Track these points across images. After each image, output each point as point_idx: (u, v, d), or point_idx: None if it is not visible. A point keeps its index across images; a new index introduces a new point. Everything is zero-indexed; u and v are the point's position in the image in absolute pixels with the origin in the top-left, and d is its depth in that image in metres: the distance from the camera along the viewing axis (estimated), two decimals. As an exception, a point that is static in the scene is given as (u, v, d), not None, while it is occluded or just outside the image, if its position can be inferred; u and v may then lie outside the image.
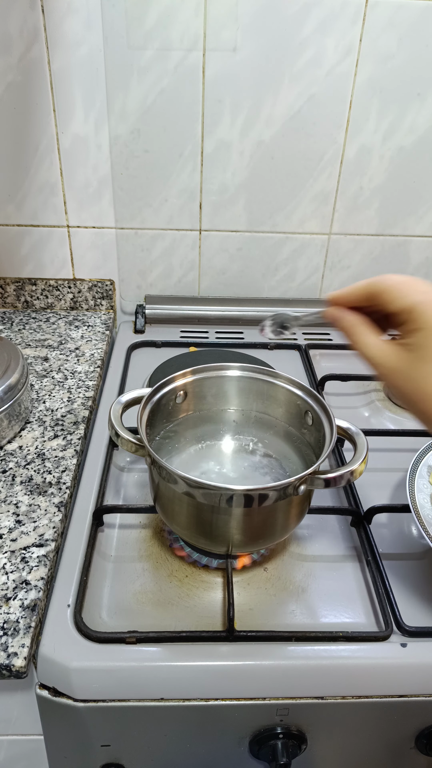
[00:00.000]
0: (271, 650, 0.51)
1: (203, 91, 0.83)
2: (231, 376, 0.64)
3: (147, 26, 0.79)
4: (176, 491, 0.52)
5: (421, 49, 0.81)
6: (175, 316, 1.01)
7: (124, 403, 0.58)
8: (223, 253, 0.97)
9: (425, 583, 0.58)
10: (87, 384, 0.82)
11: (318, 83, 0.83)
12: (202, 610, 0.55)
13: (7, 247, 0.96)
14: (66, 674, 0.50)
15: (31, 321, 0.97)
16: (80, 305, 1.01)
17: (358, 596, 0.57)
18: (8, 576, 0.54)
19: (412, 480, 0.63)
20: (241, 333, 1.00)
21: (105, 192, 0.91)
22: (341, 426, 0.56)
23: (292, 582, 0.58)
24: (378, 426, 0.80)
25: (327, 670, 0.51)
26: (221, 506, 0.51)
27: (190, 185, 0.91)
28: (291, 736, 0.53)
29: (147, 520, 0.64)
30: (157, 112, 0.85)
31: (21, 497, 0.63)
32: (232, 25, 0.79)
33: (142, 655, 0.51)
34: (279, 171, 0.90)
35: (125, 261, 0.98)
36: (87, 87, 0.83)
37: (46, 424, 0.74)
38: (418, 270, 1.00)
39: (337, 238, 0.96)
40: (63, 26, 0.79)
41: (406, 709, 0.52)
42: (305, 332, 1.01)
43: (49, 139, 0.86)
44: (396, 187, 0.92)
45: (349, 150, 0.89)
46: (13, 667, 0.47)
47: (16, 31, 0.79)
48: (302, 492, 0.51)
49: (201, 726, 0.53)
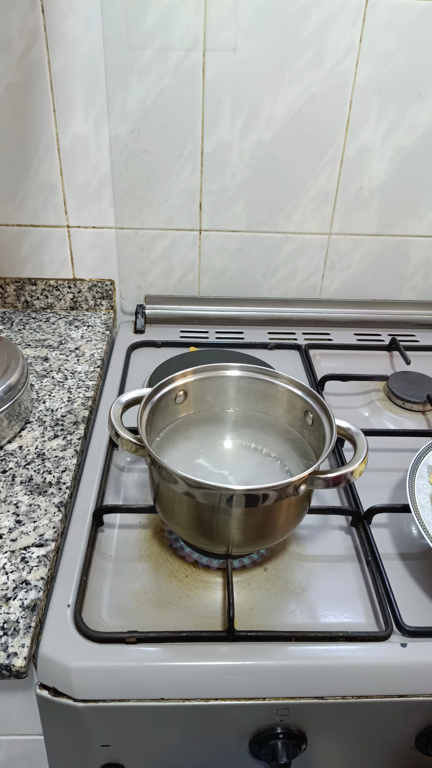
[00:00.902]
0: (271, 650, 0.51)
1: (203, 91, 0.83)
2: (231, 376, 0.64)
3: (147, 26, 0.79)
4: (176, 491, 0.52)
5: (421, 49, 0.81)
6: (175, 316, 1.01)
7: (124, 403, 0.58)
8: (223, 253, 0.97)
9: (425, 583, 0.58)
10: (87, 384, 0.82)
11: (318, 83, 0.83)
12: (202, 610, 0.55)
13: (7, 247, 0.96)
14: (66, 674, 0.50)
15: (31, 321, 0.97)
16: (80, 305, 1.01)
17: (358, 596, 0.57)
18: (8, 576, 0.54)
19: (412, 480, 0.63)
20: (241, 333, 1.00)
21: (105, 192, 0.91)
22: (341, 426, 0.56)
23: (292, 582, 0.58)
24: (378, 426, 0.80)
25: (327, 670, 0.51)
26: (221, 506, 0.51)
27: (190, 185, 0.91)
28: (291, 736, 0.53)
29: (147, 520, 0.64)
30: (157, 112, 0.85)
31: (21, 497, 0.63)
32: (232, 25, 0.79)
33: (142, 655, 0.51)
34: (279, 171, 0.90)
35: (125, 261, 0.98)
36: (87, 87, 0.83)
37: (46, 424, 0.74)
38: (418, 270, 1.00)
39: (337, 238, 0.96)
40: (63, 26, 0.79)
41: (406, 709, 0.52)
42: (305, 332, 1.01)
43: (49, 139, 0.86)
44: (396, 187, 0.92)
45: (349, 150, 0.89)
46: (13, 667, 0.47)
47: (16, 31, 0.79)
48: (302, 492, 0.51)
49: (201, 726, 0.53)
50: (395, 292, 1.02)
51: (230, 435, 0.64)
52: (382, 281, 1.01)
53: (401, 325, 1.03)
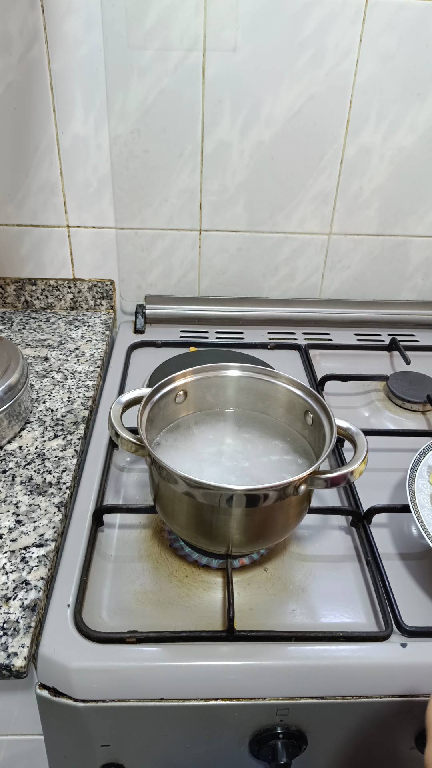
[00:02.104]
0: (271, 650, 0.51)
1: (203, 91, 0.83)
2: (231, 376, 0.64)
3: (147, 26, 0.79)
4: (176, 491, 0.52)
5: (421, 49, 0.81)
6: (175, 316, 1.01)
7: (124, 403, 0.58)
8: (223, 253, 0.97)
9: (425, 583, 0.58)
10: (87, 384, 0.82)
11: (318, 83, 0.83)
12: (202, 610, 0.55)
13: (7, 247, 0.96)
14: (66, 674, 0.50)
15: (31, 321, 0.97)
16: (80, 305, 1.01)
17: (358, 596, 0.57)
18: (8, 576, 0.54)
19: (412, 480, 0.63)
20: (241, 333, 1.00)
21: (105, 192, 0.91)
22: (341, 426, 0.56)
23: (292, 582, 0.58)
24: (378, 426, 0.80)
25: (327, 670, 0.51)
26: (221, 506, 0.51)
27: (190, 185, 0.91)
28: (291, 736, 0.53)
29: (147, 520, 0.64)
30: (157, 112, 0.85)
31: (21, 497, 0.63)
32: (232, 25, 0.79)
33: (142, 655, 0.51)
34: (279, 171, 0.90)
35: (125, 261, 0.98)
36: (87, 87, 0.83)
37: (46, 424, 0.74)
38: (418, 270, 1.00)
39: (337, 238, 0.96)
40: (63, 26, 0.79)
41: (406, 709, 0.52)
42: (305, 332, 1.01)
43: (49, 139, 0.86)
44: (396, 187, 0.92)
45: (349, 150, 0.89)
46: (13, 667, 0.47)
47: (16, 31, 0.79)
48: (302, 492, 0.51)
49: (201, 726, 0.53)
50: (395, 292, 1.02)
51: (230, 435, 0.64)
52: (382, 281, 1.01)
53: (401, 325, 1.03)
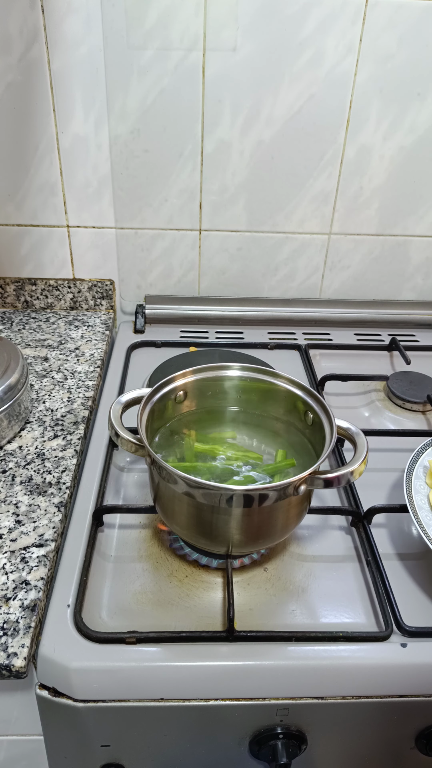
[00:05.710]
0: (271, 650, 0.51)
1: (203, 91, 0.83)
2: (231, 376, 0.64)
3: (147, 26, 0.79)
4: (176, 491, 0.52)
5: (421, 49, 0.81)
6: (175, 316, 1.01)
7: (124, 403, 0.58)
8: (223, 253, 0.97)
9: (425, 583, 0.58)
10: (87, 384, 0.82)
11: (318, 83, 0.83)
12: (202, 610, 0.55)
13: (7, 247, 0.96)
14: (66, 674, 0.50)
15: (31, 321, 0.97)
16: (80, 305, 1.01)
17: (358, 596, 0.57)
18: (8, 576, 0.54)
19: (408, 481, 0.62)
20: (241, 333, 1.00)
21: (105, 192, 0.91)
22: (341, 426, 0.56)
23: (292, 582, 0.58)
24: (378, 426, 0.80)
25: (327, 670, 0.51)
26: (221, 506, 0.51)
27: (190, 185, 0.91)
28: (291, 736, 0.53)
29: (147, 520, 0.64)
30: (157, 112, 0.85)
31: (21, 497, 0.63)
32: (232, 25, 0.79)
33: (142, 655, 0.51)
34: (279, 171, 0.90)
35: (125, 261, 0.98)
36: (87, 87, 0.83)
37: (46, 424, 0.74)
38: (418, 270, 1.00)
39: (337, 238, 0.96)
40: (63, 26, 0.79)
41: (406, 709, 0.52)
42: (305, 332, 1.01)
43: (48, 139, 0.86)
44: (396, 187, 0.92)
45: (349, 150, 0.88)
46: (13, 667, 0.47)
47: (16, 31, 0.79)
48: (302, 492, 0.51)
49: (201, 726, 0.53)
50: (395, 292, 1.02)
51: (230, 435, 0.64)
52: (382, 281, 1.01)
53: (401, 325, 1.03)
